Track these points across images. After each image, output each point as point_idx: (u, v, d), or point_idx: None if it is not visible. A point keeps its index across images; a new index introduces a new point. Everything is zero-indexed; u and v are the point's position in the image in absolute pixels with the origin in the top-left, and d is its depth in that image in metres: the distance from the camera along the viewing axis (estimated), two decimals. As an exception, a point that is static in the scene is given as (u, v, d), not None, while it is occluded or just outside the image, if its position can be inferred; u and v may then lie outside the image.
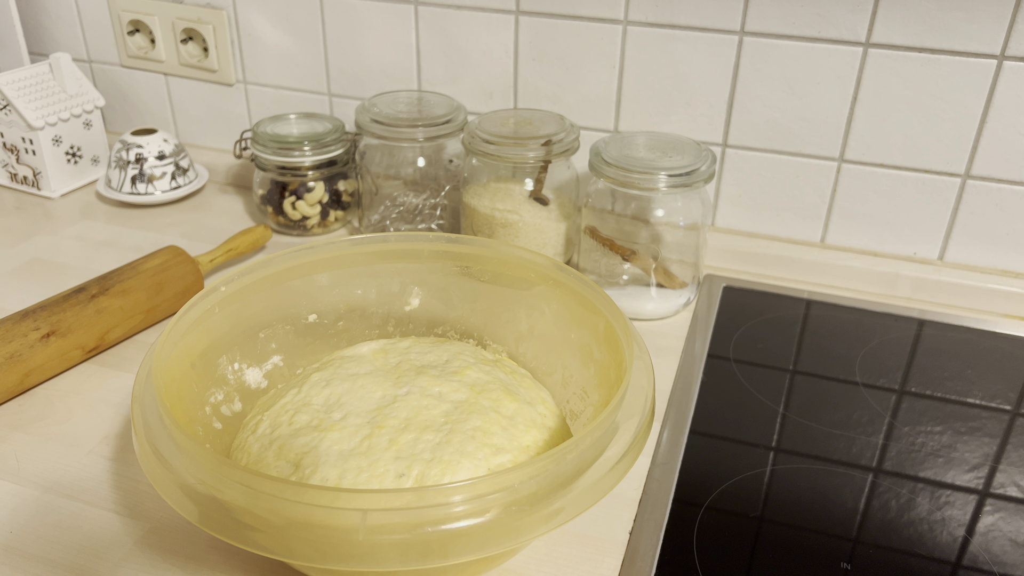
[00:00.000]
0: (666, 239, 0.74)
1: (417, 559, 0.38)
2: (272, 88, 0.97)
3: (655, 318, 0.76)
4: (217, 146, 1.04)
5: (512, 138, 0.76)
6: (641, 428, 0.44)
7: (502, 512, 0.38)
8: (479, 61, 0.87)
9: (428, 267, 0.62)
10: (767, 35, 0.76)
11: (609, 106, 0.84)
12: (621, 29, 0.80)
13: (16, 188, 0.97)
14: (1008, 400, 0.66)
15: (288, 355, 0.60)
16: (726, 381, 0.68)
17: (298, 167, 0.86)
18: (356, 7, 0.89)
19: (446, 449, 0.47)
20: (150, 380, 0.46)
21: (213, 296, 0.55)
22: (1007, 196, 0.76)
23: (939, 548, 0.52)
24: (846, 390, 0.67)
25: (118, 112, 1.07)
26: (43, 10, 1.03)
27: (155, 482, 0.41)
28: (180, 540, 0.51)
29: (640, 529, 0.53)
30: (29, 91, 0.92)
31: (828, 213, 0.82)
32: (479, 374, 0.54)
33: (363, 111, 0.82)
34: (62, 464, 0.57)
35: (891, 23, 0.73)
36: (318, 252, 0.60)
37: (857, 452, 0.60)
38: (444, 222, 0.87)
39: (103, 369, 0.67)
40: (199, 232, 0.89)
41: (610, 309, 0.53)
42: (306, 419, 0.51)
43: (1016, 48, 0.71)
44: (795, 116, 0.79)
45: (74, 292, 0.67)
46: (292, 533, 0.38)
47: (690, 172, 0.70)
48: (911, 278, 0.80)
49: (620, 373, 0.49)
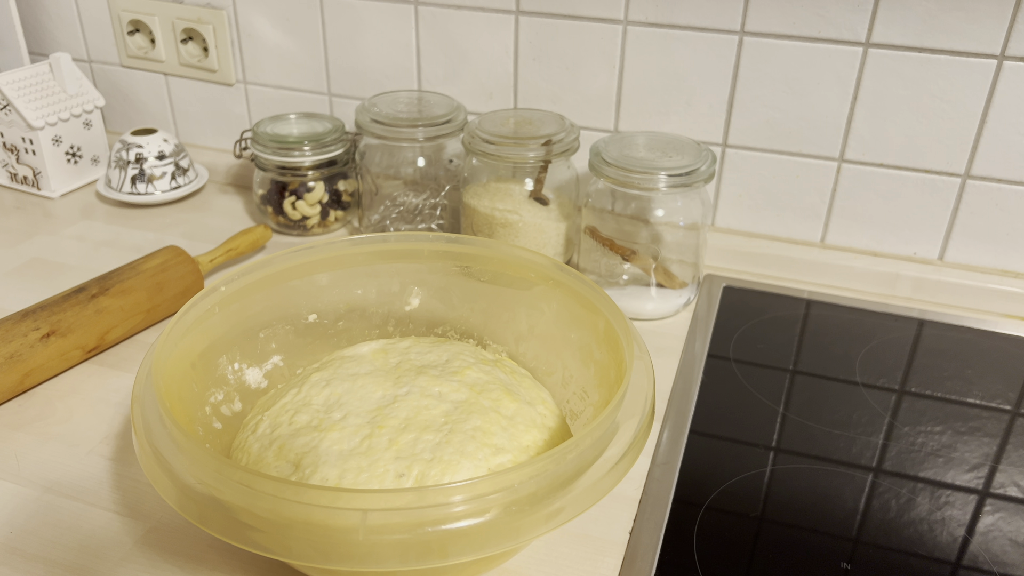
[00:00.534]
0: (666, 239, 0.74)
1: (417, 559, 0.38)
2: (272, 88, 0.97)
3: (655, 318, 0.76)
4: (217, 146, 1.04)
5: (512, 138, 0.76)
6: (641, 428, 0.44)
7: (502, 512, 0.38)
8: (479, 61, 0.87)
9: (428, 267, 0.62)
10: (767, 35, 0.76)
11: (609, 106, 0.84)
12: (621, 29, 0.80)
13: (16, 188, 0.97)
14: (1008, 400, 0.66)
15: (288, 355, 0.60)
16: (726, 381, 0.68)
17: (298, 167, 0.86)
18: (356, 7, 0.89)
19: (446, 449, 0.47)
20: (150, 380, 0.46)
21: (213, 296, 0.55)
22: (1007, 196, 0.76)
23: (939, 548, 0.52)
24: (846, 390, 0.67)
25: (118, 112, 1.07)
26: (43, 10, 1.03)
27: (155, 482, 0.41)
28: (180, 540, 0.51)
29: (640, 529, 0.53)
30: (29, 91, 0.92)
31: (828, 213, 0.82)
32: (479, 374, 0.54)
33: (363, 111, 0.82)
34: (62, 464, 0.57)
35: (891, 23, 0.73)
36: (318, 252, 0.60)
37: (857, 452, 0.60)
38: (444, 222, 0.87)
39: (103, 369, 0.67)
40: (199, 232, 0.89)
41: (610, 309, 0.53)
42: (306, 419, 0.51)
43: (1016, 48, 0.71)
44: (795, 116, 0.79)
45: (74, 292, 0.67)
46: (292, 533, 0.38)
47: (690, 172, 0.70)
48: (911, 278, 0.80)
49: (620, 373, 0.49)
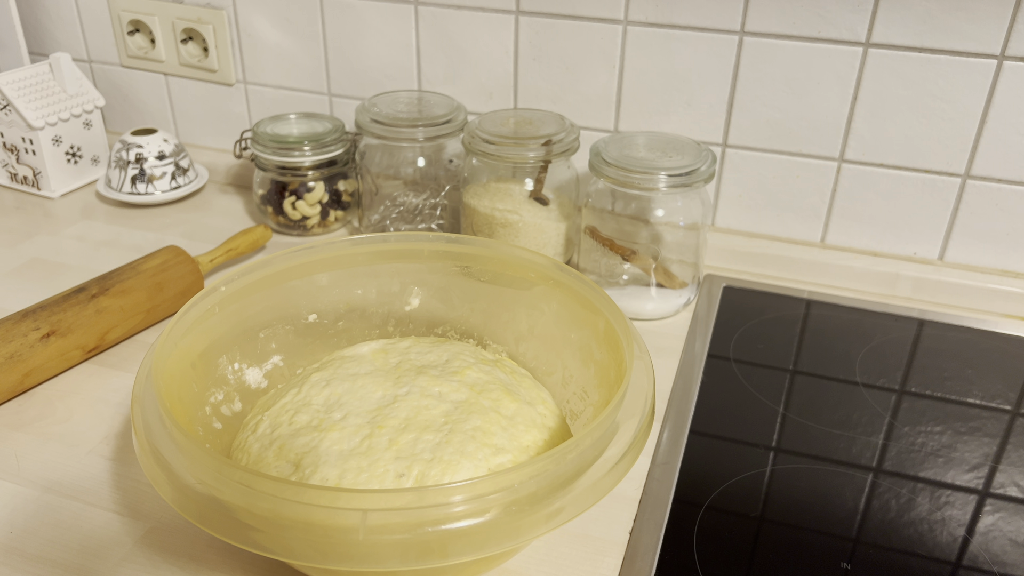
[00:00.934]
0: (666, 239, 0.74)
1: (417, 559, 0.38)
2: (272, 88, 0.97)
3: (655, 318, 0.76)
4: (217, 146, 1.04)
5: (512, 138, 0.76)
6: (641, 428, 0.44)
7: (502, 512, 0.38)
8: (479, 61, 0.87)
9: (428, 267, 0.62)
10: (767, 35, 0.76)
11: (609, 106, 0.84)
12: (621, 29, 0.80)
13: (16, 188, 0.97)
14: (1008, 400, 0.66)
15: (288, 355, 0.60)
16: (726, 381, 0.68)
17: (298, 167, 0.86)
18: (356, 7, 0.89)
19: (446, 449, 0.47)
20: (150, 380, 0.46)
21: (213, 296, 0.55)
22: (1007, 196, 0.76)
23: (939, 548, 0.52)
24: (846, 390, 0.67)
25: (118, 112, 1.07)
26: (43, 10, 1.03)
27: (155, 482, 0.41)
28: (180, 540, 0.51)
29: (640, 529, 0.53)
30: (29, 91, 0.92)
31: (828, 213, 0.82)
32: (479, 374, 0.54)
33: (363, 111, 0.82)
34: (62, 464, 0.57)
35: (891, 23, 0.73)
36: (318, 252, 0.60)
37: (857, 452, 0.60)
38: (444, 222, 0.87)
39: (103, 369, 0.67)
40: (199, 232, 0.89)
41: (610, 309, 0.53)
42: (306, 419, 0.51)
43: (1016, 48, 0.71)
44: (795, 116, 0.79)
45: (74, 292, 0.67)
46: (292, 533, 0.38)
47: (690, 172, 0.70)
48: (911, 278, 0.80)
49: (620, 373, 0.49)
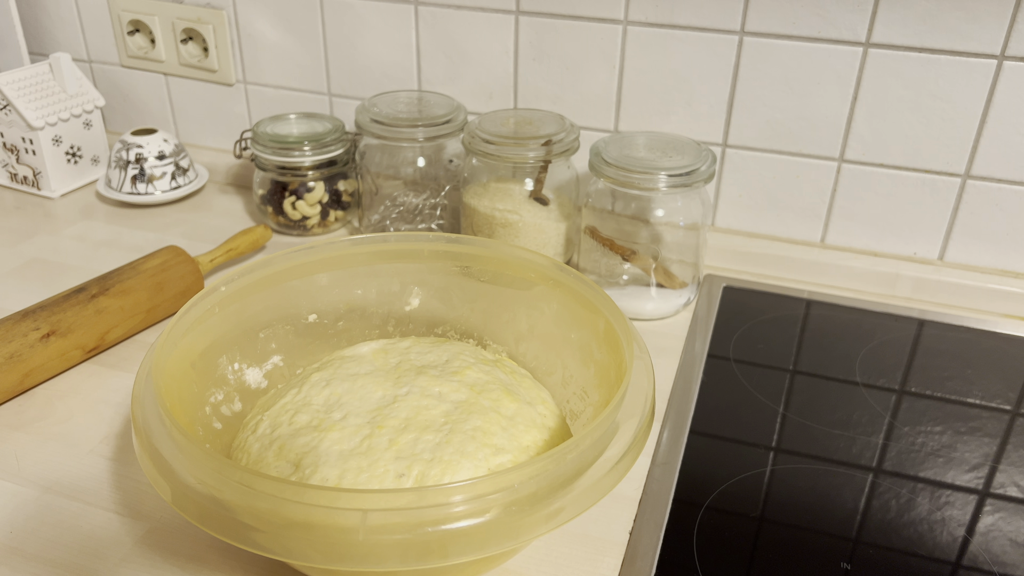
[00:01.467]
0: (666, 239, 0.74)
1: (417, 559, 0.38)
2: (272, 88, 0.97)
3: (655, 318, 0.75)
4: (217, 146, 1.04)
5: (512, 138, 0.76)
6: (641, 428, 0.44)
7: (502, 512, 0.38)
8: (479, 61, 0.87)
9: (428, 267, 0.62)
10: (767, 35, 0.76)
11: (609, 106, 0.84)
12: (621, 29, 0.80)
13: (16, 188, 0.97)
14: (1008, 400, 0.66)
15: (288, 355, 0.60)
16: (726, 381, 0.68)
17: (298, 167, 0.86)
18: (356, 7, 0.89)
19: (446, 449, 0.47)
20: (150, 380, 0.46)
21: (213, 296, 0.55)
22: (1007, 196, 0.76)
23: (939, 548, 0.52)
24: (846, 390, 0.67)
25: (118, 112, 1.07)
26: (43, 10, 1.03)
27: (155, 482, 0.41)
28: (180, 540, 0.51)
29: (640, 529, 0.53)
30: (29, 91, 0.92)
31: (828, 213, 0.82)
32: (479, 374, 0.54)
33: (363, 111, 0.82)
34: (62, 464, 0.57)
35: (891, 23, 0.73)
36: (318, 252, 0.60)
37: (857, 452, 0.60)
38: (444, 222, 0.87)
39: (103, 369, 0.67)
40: (199, 232, 0.89)
41: (610, 309, 0.53)
42: (306, 419, 0.51)
43: (1016, 48, 0.71)
44: (795, 116, 0.79)
45: (74, 292, 0.67)
46: (292, 533, 0.38)
47: (690, 172, 0.70)
48: (911, 278, 0.80)
49: (620, 373, 0.49)
